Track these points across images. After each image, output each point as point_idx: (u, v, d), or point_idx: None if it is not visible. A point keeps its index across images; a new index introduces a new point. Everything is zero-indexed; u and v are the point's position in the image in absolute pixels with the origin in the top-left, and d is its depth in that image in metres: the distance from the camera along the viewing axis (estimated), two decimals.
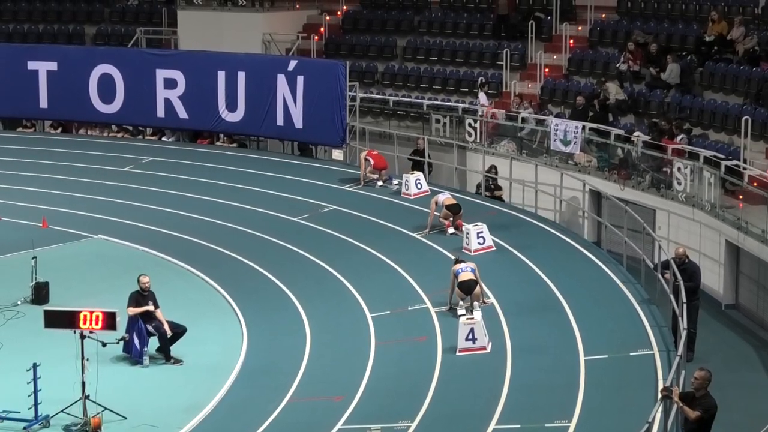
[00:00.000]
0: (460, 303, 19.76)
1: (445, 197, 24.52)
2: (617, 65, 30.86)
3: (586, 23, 33.60)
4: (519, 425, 15.66)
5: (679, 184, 25.44)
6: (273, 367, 18.60)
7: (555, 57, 33.04)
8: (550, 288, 20.87)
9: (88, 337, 16.52)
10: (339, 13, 38.12)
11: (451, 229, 24.14)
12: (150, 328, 18.75)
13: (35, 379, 16.36)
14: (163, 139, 34.87)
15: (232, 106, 32.79)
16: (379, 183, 28.32)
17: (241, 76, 32.53)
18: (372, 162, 28.35)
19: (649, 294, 20.31)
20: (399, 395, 17.09)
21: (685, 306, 17.90)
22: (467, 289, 19.64)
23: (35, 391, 16.36)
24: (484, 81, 32.80)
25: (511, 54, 33.31)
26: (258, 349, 19.30)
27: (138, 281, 19.03)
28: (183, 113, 33.54)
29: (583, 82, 31.75)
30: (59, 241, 25.07)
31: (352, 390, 17.27)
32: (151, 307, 18.80)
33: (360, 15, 37.95)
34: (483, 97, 31.79)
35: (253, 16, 36.95)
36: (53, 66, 34.65)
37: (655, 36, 30.99)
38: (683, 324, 17.19)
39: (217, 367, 18.64)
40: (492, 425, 15.70)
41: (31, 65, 34.79)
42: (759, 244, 22.43)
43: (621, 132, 28.09)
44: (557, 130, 28.49)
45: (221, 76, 32.79)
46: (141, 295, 18.89)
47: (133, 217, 26.72)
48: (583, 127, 28.28)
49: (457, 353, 18.20)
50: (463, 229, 23.64)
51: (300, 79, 31.57)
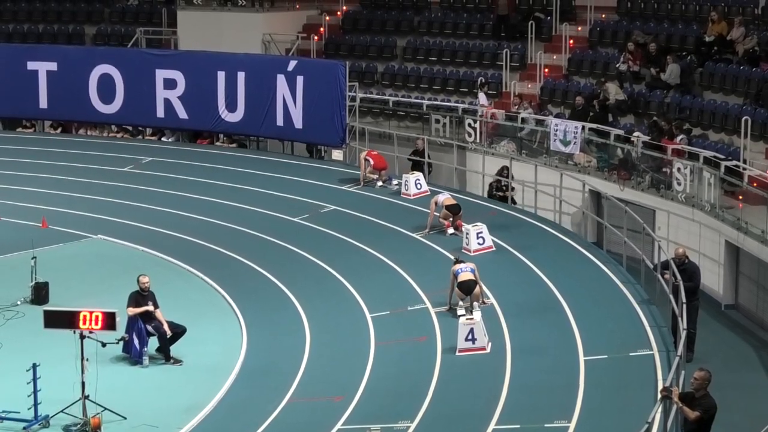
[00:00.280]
0: (460, 303, 19.76)
1: (444, 197, 24.52)
2: (617, 65, 30.84)
3: (586, 23, 33.60)
4: (519, 425, 15.66)
5: (678, 184, 25.44)
6: (273, 368, 18.59)
7: (555, 57, 33.03)
8: (549, 288, 20.86)
9: (88, 337, 16.51)
10: (339, 13, 38.11)
11: (450, 230, 24.14)
12: (150, 328, 18.74)
13: (35, 379, 16.35)
14: (163, 139, 34.86)
15: (231, 107, 32.78)
16: (379, 183, 28.31)
17: (241, 76, 32.52)
18: (372, 162, 28.34)
19: (649, 294, 20.30)
20: (399, 395, 17.09)
21: (684, 306, 17.89)
22: (467, 289, 19.63)
23: (35, 391, 16.35)
24: (483, 81, 32.78)
25: (511, 54, 33.30)
26: (258, 350, 19.29)
27: (138, 281, 19.03)
28: (183, 113, 33.52)
29: (582, 83, 31.75)
30: (59, 242, 25.06)
31: (352, 390, 17.26)
32: (150, 308, 18.79)
33: (360, 15, 37.94)
34: (483, 98, 31.78)
35: (253, 17, 36.94)
36: (53, 66, 34.63)
37: (654, 36, 30.98)
38: (683, 324, 17.18)
39: (216, 368, 18.63)
40: (492, 425, 15.70)
41: (31, 65, 34.77)
42: (759, 244, 22.42)
43: (621, 132, 28.08)
44: (557, 131, 28.49)
45: (221, 76, 32.78)
46: (141, 295, 18.89)
47: (133, 217, 26.71)
48: (583, 127, 28.27)
49: (457, 353, 18.20)
50: (462, 229, 23.64)
51: (300, 79, 31.56)
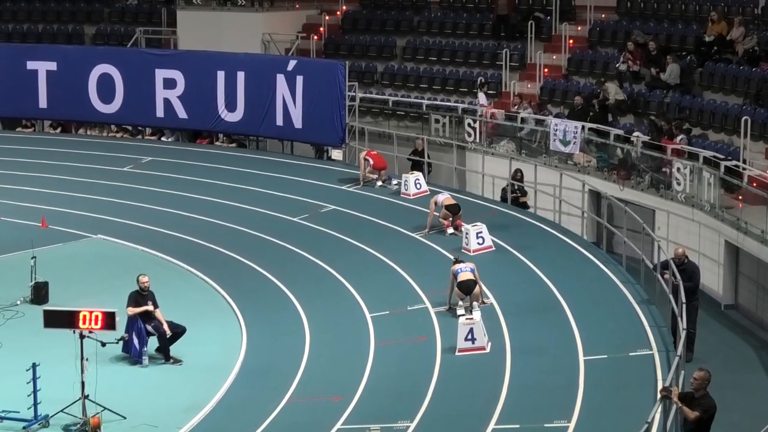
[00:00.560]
0: (460, 303, 19.75)
1: (444, 197, 24.51)
2: (617, 65, 30.85)
3: (586, 23, 33.60)
4: (518, 425, 15.66)
5: (678, 184, 25.44)
6: (272, 367, 18.58)
7: (554, 57, 33.03)
8: (549, 288, 20.85)
9: (88, 336, 16.51)
10: (338, 13, 38.11)
11: (450, 229, 24.13)
12: (149, 328, 18.74)
13: (35, 378, 16.35)
14: (163, 139, 34.85)
15: (231, 106, 32.78)
16: (379, 183, 28.31)
17: (241, 76, 32.52)
18: (371, 162, 28.33)
19: (649, 294, 20.29)
20: (398, 395, 17.09)
21: (684, 306, 17.89)
22: (466, 289, 19.63)
23: (35, 391, 16.35)
24: (483, 81, 32.79)
25: (511, 54, 33.30)
26: (257, 349, 19.29)
27: (137, 281, 19.02)
28: (182, 113, 33.52)
29: (582, 83, 31.75)
30: (59, 241, 25.05)
31: (352, 390, 17.26)
32: (150, 307, 18.79)
33: (359, 15, 37.94)
34: (482, 97, 31.78)
35: (253, 16, 36.95)
36: (53, 66, 34.63)
37: (654, 36, 30.98)
38: (682, 324, 17.17)
39: (216, 367, 18.62)
40: (491, 425, 15.70)
41: (31, 65, 34.77)
42: (758, 244, 22.42)
43: (620, 132, 28.09)
44: (557, 130, 28.50)
45: (221, 76, 32.77)
46: (140, 295, 18.88)
47: (133, 217, 26.71)
48: (583, 127, 28.28)
49: (457, 353, 18.19)
50: (462, 229, 23.63)
51: (299, 79, 31.56)
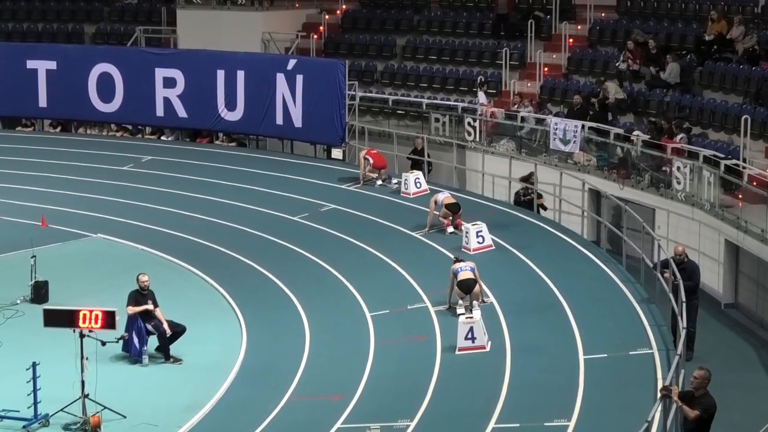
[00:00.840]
0: (460, 302, 19.74)
1: (444, 196, 24.50)
2: (617, 64, 30.83)
3: (586, 22, 33.59)
4: (518, 424, 15.66)
5: (678, 183, 25.43)
6: (272, 367, 18.58)
7: (554, 56, 33.02)
8: (549, 287, 20.85)
9: (88, 336, 16.51)
10: (338, 12, 38.10)
11: (450, 228, 24.13)
12: (149, 327, 18.74)
13: (35, 377, 16.35)
14: (163, 138, 34.84)
15: (231, 105, 32.78)
16: (379, 182, 28.30)
17: (241, 75, 32.52)
18: (371, 161, 28.33)
19: (649, 293, 20.28)
20: (398, 394, 17.09)
21: (684, 305, 17.88)
22: (466, 288, 19.62)
23: (35, 390, 16.35)
24: (483, 80, 32.79)
25: (511, 53, 33.29)
26: (257, 349, 19.29)
27: (137, 280, 19.02)
28: (182, 112, 33.52)
29: (582, 82, 31.74)
30: (58, 240, 25.05)
31: (352, 389, 17.26)
32: (150, 306, 18.79)
33: (359, 14, 37.93)
34: (482, 96, 31.78)
35: (253, 15, 36.93)
36: (52, 65, 34.64)
37: (654, 35, 30.98)
38: (682, 323, 17.17)
39: (216, 367, 18.63)
40: (491, 424, 15.70)
41: (31, 64, 34.78)
42: (758, 243, 22.41)
43: (620, 131, 28.08)
44: (557, 129, 28.49)
45: (220, 75, 32.78)
46: (140, 294, 18.88)
47: (133, 216, 26.71)
48: (583, 126, 28.27)
49: (457, 352, 18.20)
50: (462, 228, 23.63)
51: (299, 78, 31.56)
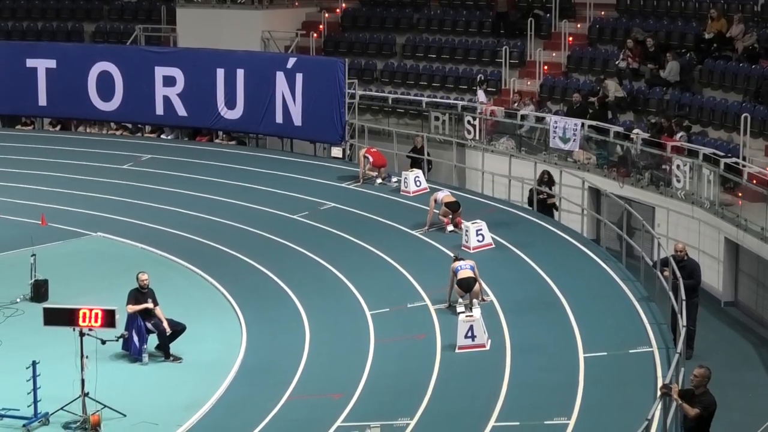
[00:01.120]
0: (460, 300, 19.74)
1: (444, 195, 24.49)
2: (616, 63, 30.84)
3: (586, 21, 33.59)
4: (518, 422, 15.66)
5: (678, 181, 25.43)
6: (272, 365, 18.58)
7: (554, 54, 33.03)
8: (549, 285, 20.85)
9: (88, 334, 16.51)
10: (338, 10, 38.10)
11: (450, 227, 24.13)
12: (149, 325, 18.74)
13: (34, 376, 16.34)
14: (162, 136, 34.83)
15: (231, 104, 32.77)
16: (378, 180, 28.30)
17: (240, 73, 32.52)
18: (371, 159, 28.32)
19: (649, 291, 20.28)
20: (398, 393, 17.08)
21: (684, 303, 17.88)
22: (466, 286, 19.62)
23: (34, 389, 16.34)
24: (483, 78, 32.79)
25: (510, 51, 33.30)
26: (257, 347, 19.29)
27: (137, 279, 19.01)
28: (182, 111, 33.52)
29: (582, 80, 31.75)
30: (58, 239, 25.04)
31: (352, 387, 17.26)
32: (150, 305, 18.79)
33: (359, 12, 37.93)
34: (481, 95, 31.78)
35: (252, 14, 36.93)
36: (52, 64, 34.63)
37: (654, 33, 30.98)
38: (682, 321, 17.17)
39: (216, 365, 18.63)
40: (491, 423, 15.70)
41: (30, 63, 34.77)
42: (758, 241, 22.42)
43: (620, 129, 28.09)
44: (556, 128, 28.49)
45: (220, 73, 32.77)
46: (140, 293, 18.88)
47: (132, 214, 26.69)
48: (583, 124, 28.27)
49: (457, 351, 18.20)
50: (462, 226, 23.63)
51: (299, 76, 31.55)
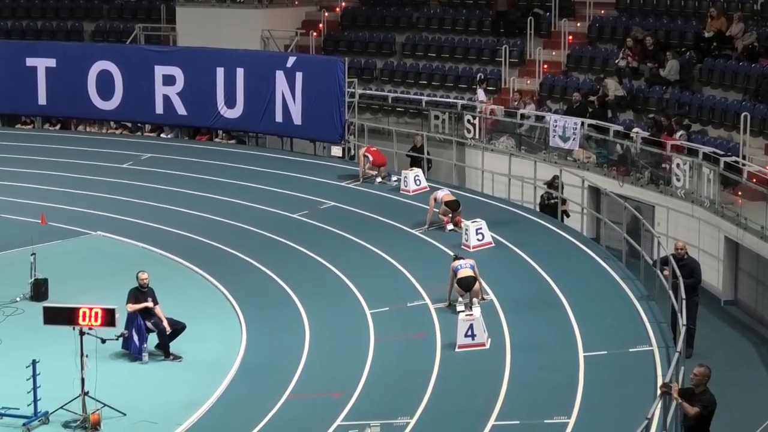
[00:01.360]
0: (459, 299, 19.74)
1: (443, 193, 24.48)
2: (616, 61, 30.85)
3: (585, 19, 33.59)
4: (518, 421, 15.65)
5: (678, 180, 25.43)
6: (272, 364, 18.58)
7: (554, 53, 33.03)
8: (549, 284, 20.85)
9: (88, 333, 16.51)
10: (338, 9, 38.10)
11: (450, 226, 24.12)
12: (149, 324, 18.74)
13: (34, 375, 16.34)
14: (162, 135, 34.82)
15: (230, 103, 32.77)
16: (378, 179, 28.29)
17: (240, 72, 32.52)
18: (371, 158, 28.31)
19: (648, 290, 20.28)
20: (398, 392, 17.08)
21: (684, 302, 17.87)
22: (466, 285, 19.62)
23: (34, 388, 16.34)
24: (482, 77, 32.79)
25: (510, 50, 33.30)
26: (257, 346, 19.29)
27: (137, 278, 19.01)
28: (182, 110, 33.52)
29: (582, 79, 31.75)
30: (58, 238, 25.04)
31: (351, 386, 17.26)
32: (150, 304, 18.79)
33: (359, 11, 37.93)
34: (481, 94, 31.78)
35: (252, 13, 36.94)
36: (52, 63, 34.62)
37: (653, 32, 30.98)
38: (682, 320, 17.16)
39: (216, 364, 18.62)
40: (491, 422, 15.70)
41: (30, 62, 34.76)
42: (758, 240, 22.42)
43: (620, 128, 28.10)
44: (556, 127, 28.49)
45: (220, 72, 32.77)
46: (140, 292, 18.88)
47: (132, 213, 26.69)
48: (582, 123, 28.27)
49: (456, 350, 18.19)
50: (462, 225, 23.62)
51: (299, 75, 31.55)
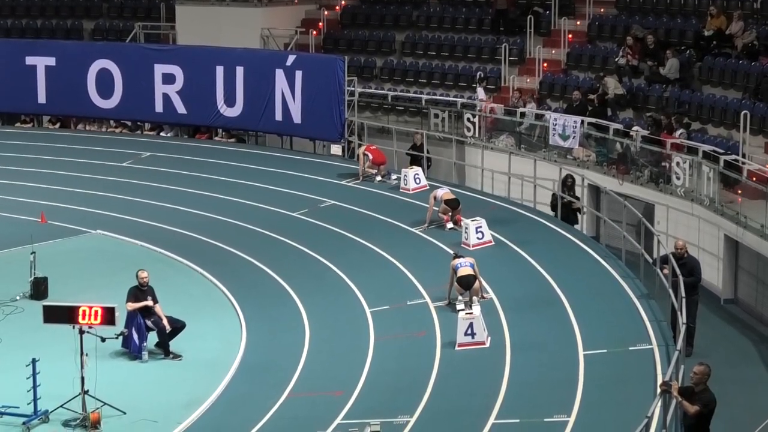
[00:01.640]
0: (459, 298, 19.74)
1: (443, 192, 24.49)
2: (616, 60, 30.85)
3: (585, 18, 33.59)
4: (518, 420, 15.66)
5: (677, 178, 25.43)
6: (272, 363, 18.58)
7: (554, 52, 33.03)
8: (549, 283, 20.85)
9: (87, 332, 16.52)
10: (337, 8, 38.11)
11: (449, 224, 24.13)
12: (149, 323, 18.74)
13: (34, 374, 16.35)
14: (162, 134, 34.81)
15: (230, 101, 32.77)
16: (378, 178, 28.30)
17: (240, 71, 32.51)
18: (371, 157, 28.31)
19: (648, 289, 20.29)
20: (398, 390, 17.09)
21: (684, 301, 17.88)
22: (466, 284, 19.62)
23: (34, 387, 16.35)
24: (482, 76, 32.79)
25: (510, 49, 33.30)
26: (257, 345, 19.29)
27: (136, 276, 19.01)
28: (181, 108, 33.51)
29: (581, 77, 31.75)
30: (58, 237, 25.03)
31: (352, 385, 17.26)
32: (149, 303, 18.79)
33: (358, 10, 37.94)
34: (481, 92, 31.78)
35: (252, 11, 36.94)
36: (51, 61, 34.63)
37: (653, 30, 30.98)
38: (682, 319, 17.16)
39: (216, 363, 18.63)
40: (491, 420, 15.70)
41: (30, 60, 34.76)
42: (758, 238, 22.42)
43: (620, 127, 28.10)
44: (556, 125, 28.48)
45: (219, 71, 32.76)
46: (140, 291, 18.88)
47: (132, 212, 26.69)
48: (582, 121, 28.27)
49: (456, 348, 18.20)
50: (461, 223, 23.62)
51: (298, 74, 31.54)
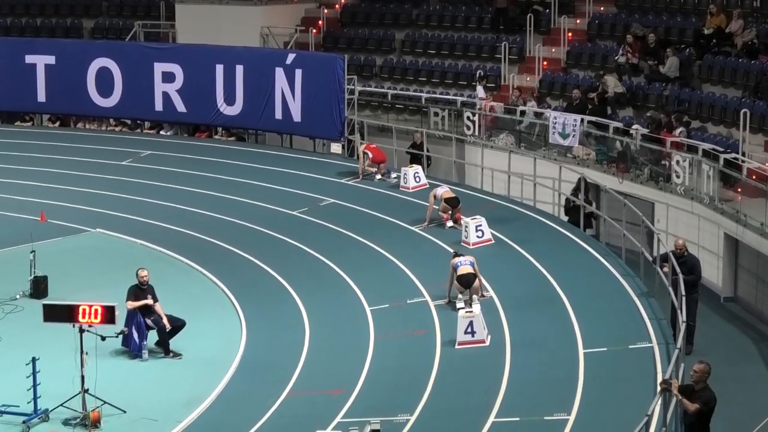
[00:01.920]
0: (459, 296, 19.75)
1: (443, 190, 24.49)
2: (616, 58, 30.85)
3: (585, 16, 33.60)
4: (518, 418, 15.66)
5: (677, 177, 25.44)
6: (272, 361, 18.58)
7: (553, 50, 33.03)
8: (549, 281, 20.86)
9: (87, 331, 16.51)
10: (337, 6, 38.11)
11: (449, 223, 24.13)
12: (149, 321, 18.74)
13: (34, 373, 16.34)
14: (162, 132, 34.82)
15: (230, 100, 32.76)
16: (378, 176, 28.30)
17: (240, 69, 32.51)
18: (370, 155, 28.32)
19: (648, 287, 20.30)
20: (398, 389, 17.09)
21: (684, 299, 17.88)
22: (466, 282, 19.62)
23: (34, 385, 16.34)
24: (482, 74, 32.79)
25: (510, 47, 33.30)
26: (257, 343, 19.29)
27: (136, 275, 19.00)
28: (181, 107, 33.51)
29: (581, 76, 31.75)
30: (58, 235, 25.03)
31: (351, 384, 17.26)
32: (149, 301, 18.79)
33: (358, 8, 37.95)
34: (481, 91, 31.78)
35: (252, 10, 36.93)
36: (51, 60, 34.62)
37: (653, 29, 30.97)
38: (682, 317, 17.17)
39: (216, 361, 18.63)
40: (491, 418, 15.70)
41: (29, 59, 34.75)
42: (758, 237, 22.42)
43: (620, 125, 28.10)
44: (556, 123, 28.48)
45: (219, 69, 32.76)
46: (140, 289, 18.87)
47: (132, 210, 26.69)
48: (582, 120, 28.27)
49: (456, 346, 18.20)
50: (461, 222, 23.63)
51: (298, 72, 31.54)
